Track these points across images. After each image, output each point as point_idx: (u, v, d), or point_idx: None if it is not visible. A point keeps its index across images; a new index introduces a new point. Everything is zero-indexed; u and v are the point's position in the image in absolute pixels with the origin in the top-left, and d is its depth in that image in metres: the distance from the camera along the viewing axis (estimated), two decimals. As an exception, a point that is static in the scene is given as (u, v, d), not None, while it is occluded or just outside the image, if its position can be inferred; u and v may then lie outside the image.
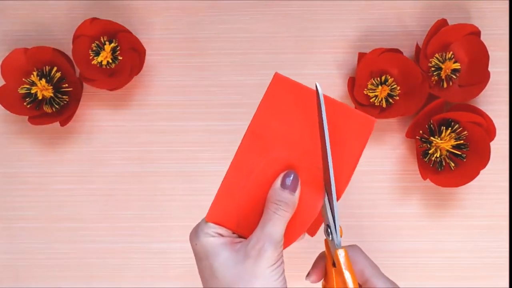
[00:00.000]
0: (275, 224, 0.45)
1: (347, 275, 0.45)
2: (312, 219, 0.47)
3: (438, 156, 0.68)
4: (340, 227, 0.47)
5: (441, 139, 0.67)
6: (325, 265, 0.49)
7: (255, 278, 0.43)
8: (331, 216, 0.46)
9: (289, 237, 0.47)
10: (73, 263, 0.73)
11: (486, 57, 0.69)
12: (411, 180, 0.72)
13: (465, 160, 0.68)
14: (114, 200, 0.73)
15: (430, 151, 0.68)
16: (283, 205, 0.45)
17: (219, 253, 0.45)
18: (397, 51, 0.70)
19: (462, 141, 0.68)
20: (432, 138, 0.68)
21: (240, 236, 0.48)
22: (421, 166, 0.69)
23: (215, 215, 0.47)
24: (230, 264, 0.44)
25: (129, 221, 0.73)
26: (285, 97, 0.48)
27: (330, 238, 0.47)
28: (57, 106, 0.71)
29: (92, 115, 0.74)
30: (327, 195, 0.47)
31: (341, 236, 0.47)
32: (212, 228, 0.46)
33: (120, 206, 0.73)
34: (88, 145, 0.73)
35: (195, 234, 0.47)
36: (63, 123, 0.70)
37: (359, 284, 0.48)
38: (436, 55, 0.70)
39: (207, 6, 0.75)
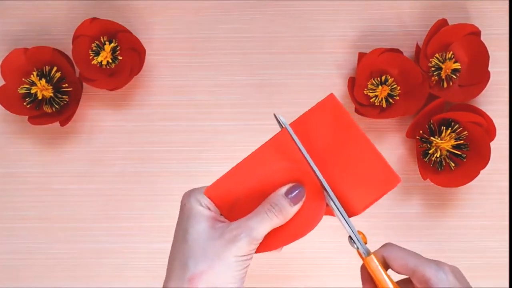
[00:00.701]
0: (261, 222, 0.45)
1: (382, 277, 0.45)
2: (301, 235, 0.47)
3: (438, 156, 0.68)
4: (363, 234, 0.47)
5: (441, 139, 0.67)
6: (369, 275, 0.49)
7: (218, 259, 0.43)
8: (348, 227, 0.46)
9: (271, 243, 0.47)
10: (73, 263, 0.73)
11: (486, 57, 0.69)
12: (411, 180, 0.72)
13: (465, 160, 0.68)
14: (114, 200, 0.73)
15: (430, 151, 0.68)
16: (277, 209, 0.45)
17: (199, 222, 0.45)
18: (397, 51, 0.70)
19: (462, 141, 0.68)
20: (432, 138, 0.68)
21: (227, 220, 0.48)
22: (421, 166, 0.69)
23: (214, 193, 0.47)
24: (203, 236, 0.45)
25: (129, 221, 0.73)
26: (326, 119, 0.47)
27: (356, 248, 0.47)
28: (57, 106, 0.71)
29: (92, 115, 0.74)
30: (336, 206, 0.46)
31: (365, 243, 0.47)
32: (206, 200, 0.47)
33: (120, 206, 0.73)
34: (88, 145, 0.73)
35: (188, 195, 0.47)
36: (63, 123, 0.70)
37: (408, 278, 0.47)
38: (436, 55, 0.70)
39: (207, 6, 0.75)
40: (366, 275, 0.49)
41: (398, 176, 0.46)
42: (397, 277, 0.47)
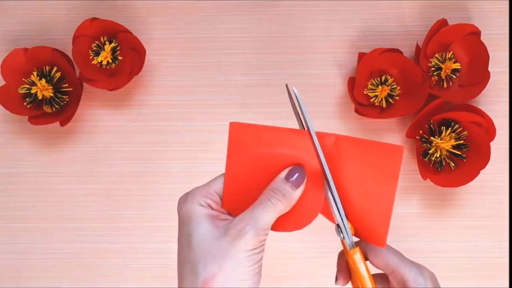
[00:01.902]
0: (265, 210, 0.43)
1: (364, 274, 0.44)
2: (311, 219, 0.46)
3: (438, 156, 0.68)
4: (351, 225, 0.46)
5: (441, 139, 0.67)
6: (347, 264, 0.48)
7: (227, 258, 0.41)
8: (339, 216, 0.45)
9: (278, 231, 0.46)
10: (73, 263, 0.73)
11: (486, 57, 0.69)
12: (411, 180, 0.72)
13: (465, 160, 0.68)
14: (114, 200, 0.73)
15: (430, 151, 0.68)
16: (279, 195, 0.44)
17: (201, 223, 0.43)
18: (397, 51, 0.70)
19: (462, 141, 0.68)
20: (432, 138, 0.68)
21: (230, 216, 0.46)
22: (421, 166, 0.69)
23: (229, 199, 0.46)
24: (207, 237, 0.43)
25: (129, 221, 0.73)
26: (375, 156, 0.45)
27: (342, 237, 0.46)
28: (57, 106, 0.71)
29: (92, 115, 0.74)
30: (331, 194, 0.45)
31: (353, 234, 0.46)
32: (203, 198, 0.45)
33: (120, 206, 0.73)
34: (88, 145, 0.73)
35: (184, 199, 0.45)
36: (63, 123, 0.70)
37: (386, 275, 0.47)
38: (436, 55, 0.70)
39: (207, 6, 0.75)
40: (343, 264, 0.48)
41: (399, 146, 0.44)
42: (373, 270, 0.47)
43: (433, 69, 0.70)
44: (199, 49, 0.74)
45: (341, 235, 0.45)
